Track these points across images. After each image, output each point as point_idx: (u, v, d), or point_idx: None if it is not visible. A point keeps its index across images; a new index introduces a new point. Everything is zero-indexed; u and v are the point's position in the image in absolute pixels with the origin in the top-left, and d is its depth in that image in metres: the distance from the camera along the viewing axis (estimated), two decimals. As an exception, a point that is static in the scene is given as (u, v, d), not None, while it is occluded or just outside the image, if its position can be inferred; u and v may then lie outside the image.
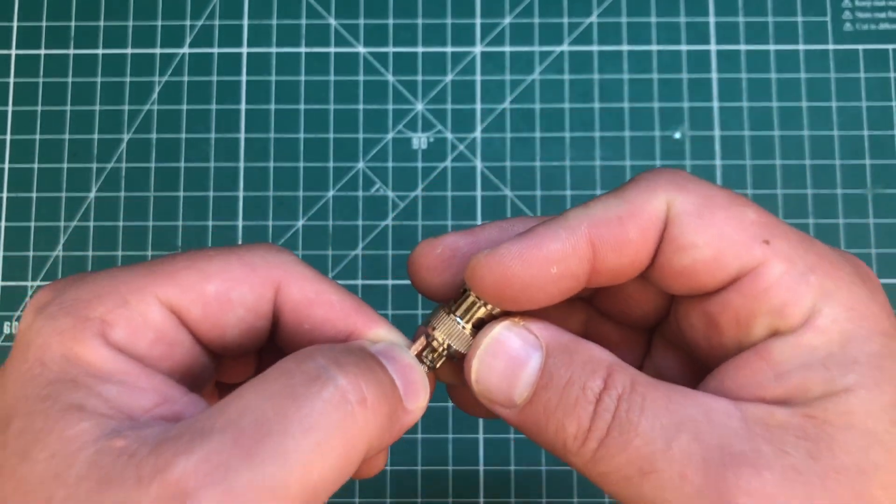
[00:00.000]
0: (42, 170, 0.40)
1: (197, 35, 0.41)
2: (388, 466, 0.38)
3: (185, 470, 0.15)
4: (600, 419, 0.17)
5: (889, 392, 0.16)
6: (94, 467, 0.15)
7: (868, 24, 0.41)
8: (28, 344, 0.17)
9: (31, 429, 0.16)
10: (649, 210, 0.18)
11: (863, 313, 0.17)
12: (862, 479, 0.16)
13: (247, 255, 0.19)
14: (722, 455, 0.16)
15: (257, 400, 0.16)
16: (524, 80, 0.40)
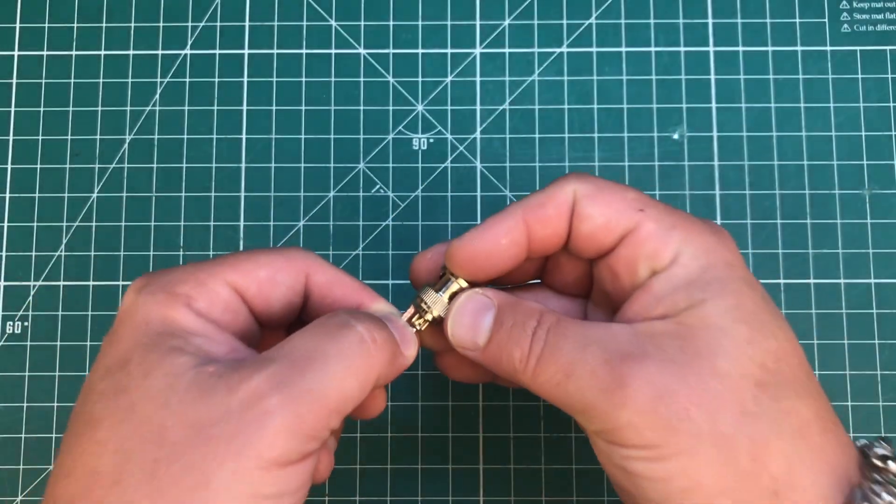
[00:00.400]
0: (45, 170, 0.40)
1: (199, 36, 0.41)
2: (388, 465, 0.38)
3: (258, 382, 0.21)
4: (536, 345, 0.24)
5: (730, 300, 0.23)
6: (194, 383, 0.21)
7: (866, 25, 0.41)
8: (134, 311, 0.23)
9: (147, 361, 0.22)
10: (561, 195, 0.25)
11: (713, 252, 0.24)
12: (714, 358, 0.22)
13: (286, 251, 0.26)
14: (619, 356, 0.22)
15: (303, 340, 0.23)
16: (524, 80, 0.40)
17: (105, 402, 0.21)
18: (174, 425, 0.20)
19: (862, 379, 0.38)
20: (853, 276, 0.39)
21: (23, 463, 0.38)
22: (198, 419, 0.20)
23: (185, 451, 0.20)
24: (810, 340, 0.38)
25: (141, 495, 0.20)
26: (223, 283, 0.24)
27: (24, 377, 0.39)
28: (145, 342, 0.22)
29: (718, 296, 0.23)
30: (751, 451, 0.21)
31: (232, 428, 0.20)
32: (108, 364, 0.22)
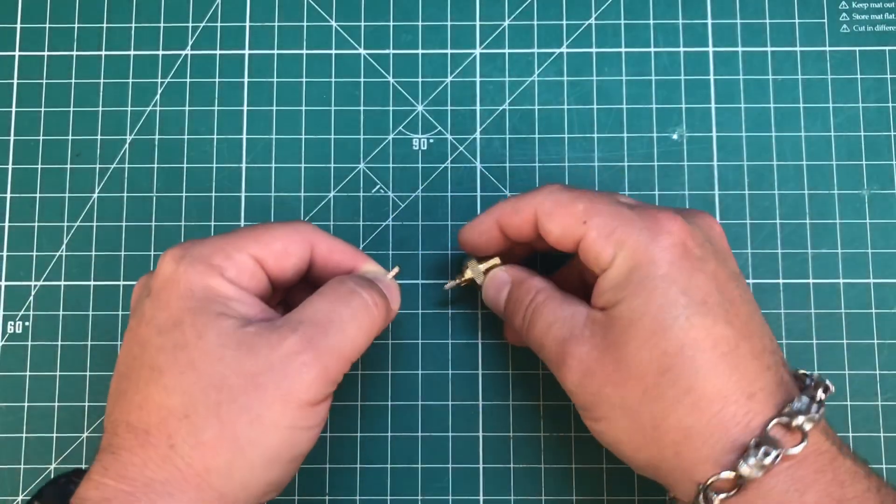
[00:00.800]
0: (45, 170, 0.40)
1: (199, 37, 0.41)
2: (388, 465, 0.38)
3: (294, 341, 0.27)
4: (526, 316, 0.32)
5: (642, 298, 0.27)
6: (242, 341, 0.26)
7: (865, 25, 0.41)
8: (177, 280, 0.28)
9: (200, 322, 0.27)
10: (527, 210, 0.31)
11: (640, 253, 0.28)
12: (625, 348, 0.27)
13: (293, 225, 0.31)
14: (569, 336, 0.29)
15: (323, 304, 0.29)
16: (523, 81, 0.41)
17: (166, 356, 0.26)
18: (230, 375, 0.26)
19: (861, 379, 0.38)
20: (852, 276, 0.39)
21: (23, 463, 0.38)
22: (249, 370, 0.26)
23: (241, 395, 0.26)
24: (809, 340, 0.39)
25: (208, 425, 0.26)
26: (247, 254, 0.29)
27: (25, 377, 0.39)
28: (193, 307, 0.27)
29: (633, 294, 0.28)
30: (652, 422, 0.27)
31: (277, 376, 0.26)
32: (159, 324, 0.27)
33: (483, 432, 0.38)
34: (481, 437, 0.38)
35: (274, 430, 0.26)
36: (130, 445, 0.26)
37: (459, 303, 0.39)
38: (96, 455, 0.27)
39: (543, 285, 0.32)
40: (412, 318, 0.39)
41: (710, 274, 0.28)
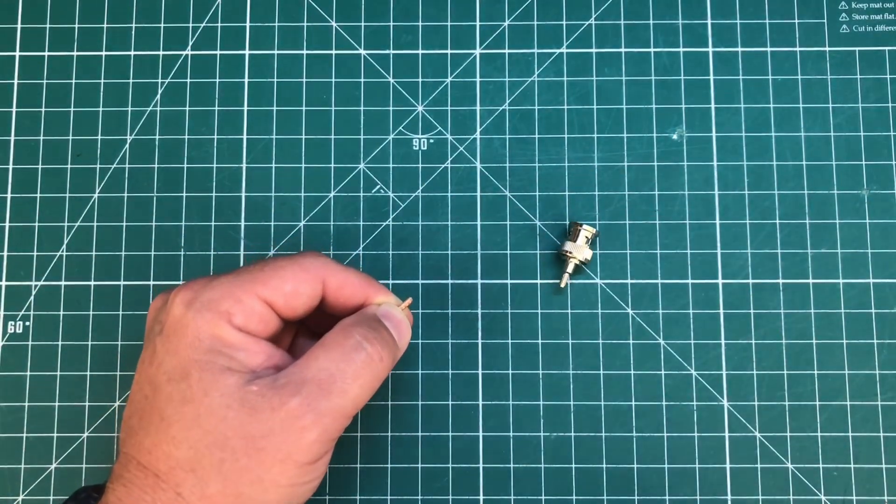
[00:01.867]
0: (46, 170, 0.40)
1: (199, 37, 0.41)
2: (388, 464, 0.38)
3: (295, 404, 0.27)
4: None
5: None
6: (245, 402, 0.27)
7: (864, 26, 0.41)
8: (186, 326, 0.28)
9: (206, 379, 0.27)
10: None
11: None
12: None
13: (303, 262, 0.30)
14: None
15: (327, 362, 0.29)
16: (523, 81, 0.41)
17: (174, 407, 0.27)
18: (233, 436, 0.27)
19: (861, 379, 0.38)
20: (852, 276, 0.39)
21: (24, 462, 0.38)
22: (250, 432, 0.27)
23: (243, 456, 0.27)
24: (809, 340, 0.39)
25: (213, 481, 0.27)
26: (256, 298, 0.29)
27: (26, 377, 0.39)
28: (200, 359, 0.28)
29: None
30: None
31: (277, 441, 0.27)
32: (168, 370, 0.28)
33: (483, 432, 0.38)
34: (481, 437, 0.38)
35: (274, 489, 0.27)
36: (142, 484, 0.27)
37: (459, 303, 0.39)
38: (110, 479, 0.28)
39: None
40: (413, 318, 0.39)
41: None
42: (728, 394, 0.38)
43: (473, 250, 0.39)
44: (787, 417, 0.38)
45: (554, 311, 0.39)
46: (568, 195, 0.40)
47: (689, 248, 0.39)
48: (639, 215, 0.40)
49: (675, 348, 0.39)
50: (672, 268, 0.39)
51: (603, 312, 0.39)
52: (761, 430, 0.38)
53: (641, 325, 0.39)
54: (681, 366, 0.38)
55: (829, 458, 0.38)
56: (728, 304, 0.39)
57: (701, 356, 0.39)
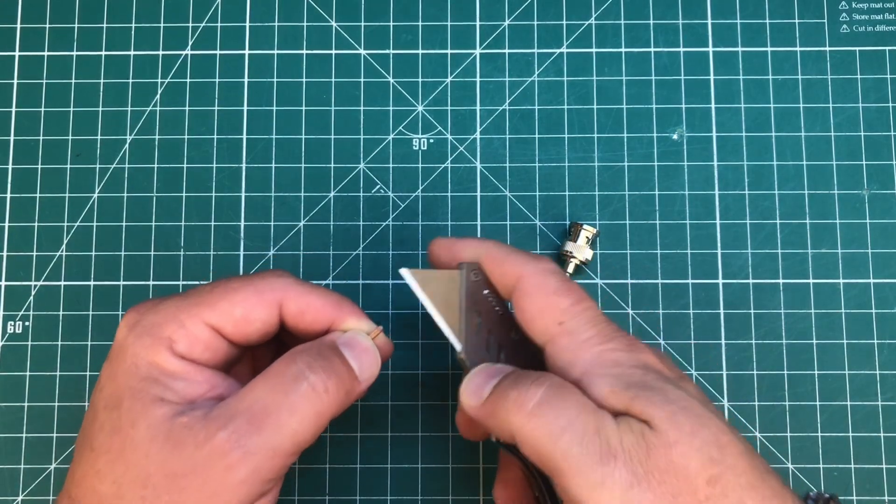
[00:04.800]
0: (46, 170, 0.40)
1: (199, 37, 0.41)
2: (388, 464, 0.38)
3: (221, 440, 0.25)
4: (535, 389, 0.25)
5: (663, 400, 0.25)
6: (169, 436, 0.25)
7: (865, 25, 0.41)
8: (125, 351, 0.27)
9: (135, 409, 0.26)
10: (510, 272, 0.29)
11: (620, 366, 0.26)
12: (670, 451, 0.24)
13: (259, 283, 0.28)
14: (602, 428, 0.24)
15: (262, 393, 0.26)
16: (523, 81, 0.41)
17: (103, 438, 0.26)
18: (154, 473, 0.25)
19: (861, 379, 0.38)
20: (852, 276, 0.39)
21: (24, 462, 0.38)
22: (172, 470, 0.25)
23: (164, 494, 0.25)
24: (809, 340, 0.39)
25: None
26: (202, 324, 0.27)
27: (25, 377, 0.39)
28: (133, 387, 0.26)
29: (651, 399, 0.25)
30: None
31: (200, 480, 0.25)
32: (106, 397, 0.27)
33: (483, 432, 0.38)
34: (481, 437, 0.38)
35: None
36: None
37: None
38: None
39: (546, 372, 0.27)
40: (412, 318, 0.39)
41: (691, 387, 0.27)
42: (728, 394, 0.38)
43: (473, 250, 0.39)
44: (787, 417, 0.38)
45: (554, 311, 0.39)
46: (568, 195, 0.40)
47: (689, 248, 0.39)
48: (639, 215, 0.39)
49: (675, 348, 0.39)
50: (672, 268, 0.39)
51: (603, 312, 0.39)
52: (761, 430, 0.38)
53: (642, 325, 0.39)
54: (681, 366, 0.38)
55: (829, 458, 0.38)
56: (728, 304, 0.39)
57: (701, 356, 0.39)
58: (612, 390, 0.25)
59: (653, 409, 0.24)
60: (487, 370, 0.28)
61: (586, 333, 0.27)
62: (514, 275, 0.28)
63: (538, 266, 0.28)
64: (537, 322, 0.28)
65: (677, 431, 0.24)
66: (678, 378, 0.27)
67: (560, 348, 0.27)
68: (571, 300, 0.27)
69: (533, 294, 0.28)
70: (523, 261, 0.28)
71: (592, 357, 0.26)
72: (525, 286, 0.28)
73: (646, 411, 0.24)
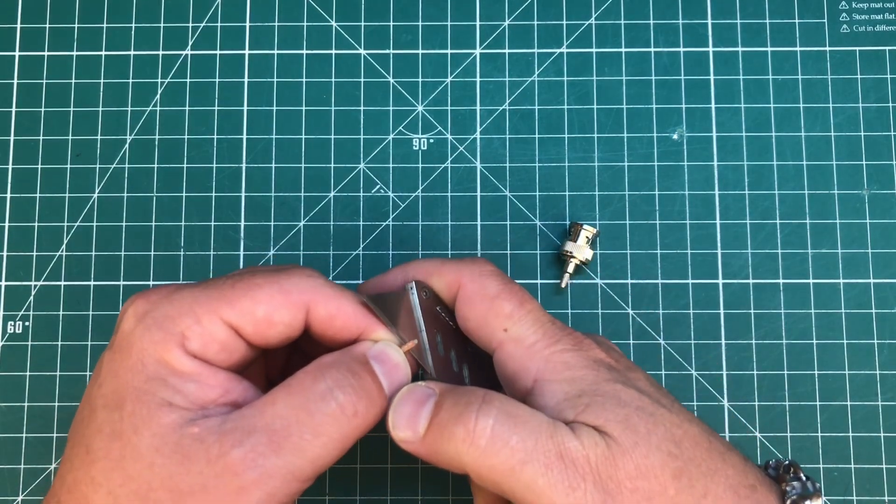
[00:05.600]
0: (45, 170, 0.40)
1: (199, 37, 0.41)
2: (388, 464, 0.38)
3: (237, 456, 0.22)
4: (483, 421, 0.24)
5: (613, 403, 0.24)
6: (178, 448, 0.22)
7: (865, 25, 0.41)
8: (131, 345, 0.24)
9: (139, 413, 0.23)
10: (448, 275, 0.28)
11: (571, 369, 0.25)
12: (632, 452, 0.24)
13: (285, 282, 0.25)
14: (564, 448, 0.23)
15: (285, 409, 0.23)
16: (523, 81, 0.41)
17: (101, 442, 0.23)
18: (157, 488, 0.22)
19: (861, 379, 0.38)
20: (852, 276, 0.39)
21: (24, 463, 0.38)
22: (178, 486, 0.22)
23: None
24: (809, 340, 0.39)
25: None
26: (219, 321, 0.24)
27: (25, 377, 0.39)
28: (138, 387, 0.23)
29: (601, 404, 0.24)
30: None
31: (208, 500, 0.22)
32: (105, 394, 0.24)
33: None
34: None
35: None
36: None
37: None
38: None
39: (488, 393, 0.25)
40: (412, 318, 0.39)
41: (642, 379, 0.26)
42: (728, 394, 0.38)
43: (473, 250, 0.39)
44: (787, 417, 0.38)
45: (554, 312, 0.39)
46: (568, 195, 0.40)
47: (689, 248, 0.39)
48: (639, 215, 0.39)
49: (675, 348, 0.39)
50: (672, 268, 0.39)
51: (603, 312, 0.39)
52: (761, 431, 0.38)
53: (642, 325, 0.39)
54: (681, 366, 0.38)
55: (829, 458, 0.38)
56: (728, 304, 0.39)
57: (701, 356, 0.39)
58: (566, 399, 0.25)
59: (607, 415, 0.24)
60: (413, 394, 0.25)
61: (532, 338, 0.26)
62: (455, 283, 0.27)
63: (475, 269, 0.27)
64: (482, 330, 0.27)
65: (634, 434, 0.24)
66: (627, 369, 0.26)
67: (507, 356, 0.26)
68: (513, 304, 0.26)
69: (473, 301, 0.27)
70: (458, 267, 0.27)
71: (542, 362, 0.26)
72: (464, 294, 0.27)
73: (600, 419, 0.24)
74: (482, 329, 0.27)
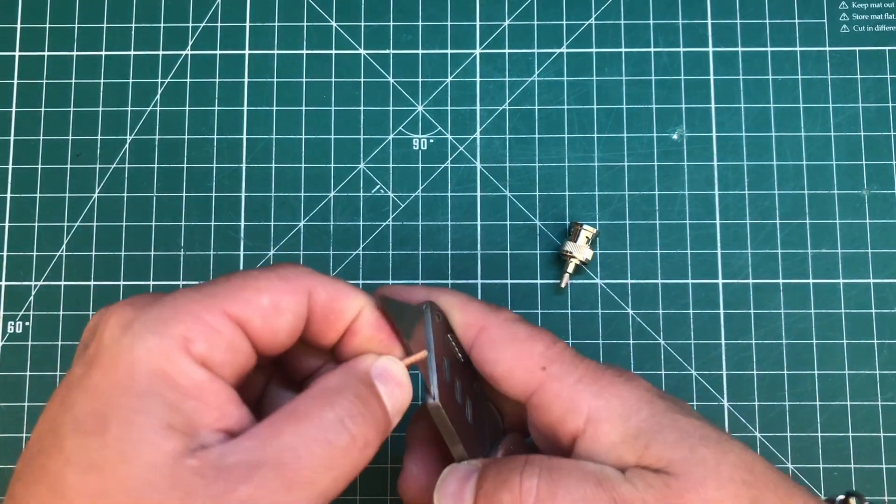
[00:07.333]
0: (45, 170, 0.40)
1: (199, 37, 0.41)
2: (388, 464, 0.38)
3: (244, 494, 0.19)
4: (528, 483, 0.22)
5: (674, 438, 0.23)
6: (178, 481, 0.19)
7: (865, 25, 0.41)
8: (118, 356, 0.20)
9: (129, 438, 0.19)
10: (471, 326, 0.26)
11: (625, 403, 0.24)
12: (703, 491, 0.22)
13: (282, 271, 0.23)
14: (617, 494, 0.22)
15: (295, 440, 0.21)
16: (523, 81, 0.41)
17: (75, 475, 0.19)
18: None
19: (861, 379, 0.38)
20: (852, 276, 0.39)
21: (24, 462, 0.38)
22: None
23: None
24: (809, 340, 0.39)
25: None
26: (223, 316, 0.21)
27: (26, 377, 0.39)
28: (129, 405, 0.19)
29: (662, 440, 0.23)
30: None
31: None
32: (78, 415, 0.20)
33: (483, 432, 0.38)
34: (481, 437, 0.38)
35: None
36: None
37: (459, 303, 0.39)
38: None
39: (529, 456, 0.24)
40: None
41: (694, 412, 0.25)
42: (728, 394, 0.38)
43: (473, 250, 0.39)
44: (787, 417, 0.38)
45: (554, 312, 0.39)
46: (568, 195, 0.40)
47: (689, 248, 0.39)
48: (639, 215, 0.40)
49: (675, 348, 0.39)
50: (672, 268, 0.39)
51: (603, 312, 0.39)
52: (761, 430, 0.38)
53: (642, 325, 0.39)
54: (681, 366, 0.38)
55: (829, 458, 0.38)
56: (728, 304, 0.39)
57: (701, 356, 0.39)
58: (623, 441, 0.23)
59: (671, 451, 0.22)
60: (457, 472, 0.24)
61: (575, 374, 0.24)
62: (475, 325, 0.26)
63: (500, 315, 0.26)
64: (515, 373, 0.25)
65: (702, 468, 0.22)
66: (673, 402, 0.25)
67: (552, 396, 0.24)
68: (545, 344, 0.25)
69: (503, 343, 0.25)
70: (484, 310, 0.26)
71: (592, 398, 0.24)
72: (491, 337, 0.25)
73: (664, 457, 0.22)
74: (515, 372, 0.25)
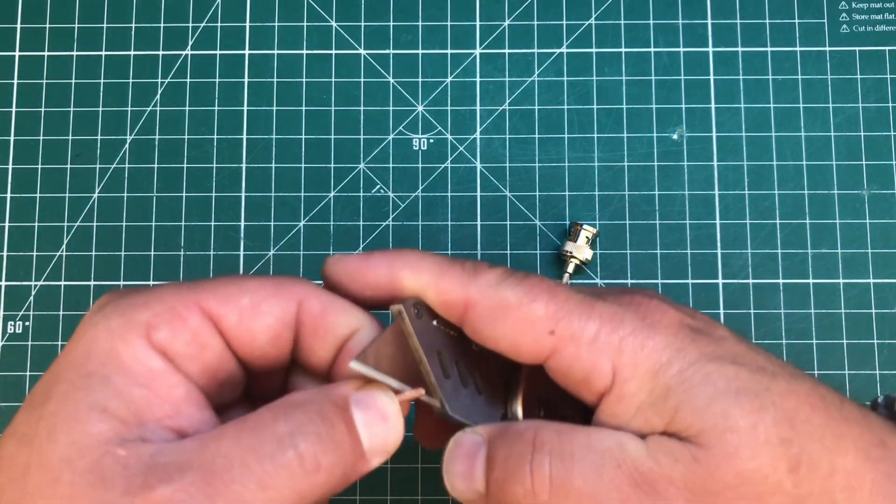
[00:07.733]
0: (45, 170, 0.40)
1: (199, 37, 0.41)
2: (388, 464, 0.38)
3: (161, 495, 0.18)
4: (539, 473, 0.21)
5: (704, 396, 0.20)
6: (97, 466, 0.18)
7: (864, 25, 0.41)
8: (83, 333, 0.20)
9: (62, 413, 0.19)
10: (453, 296, 0.22)
11: (652, 356, 0.21)
12: (737, 456, 0.20)
13: (278, 278, 0.22)
14: (637, 474, 0.20)
15: (231, 448, 0.19)
16: (523, 81, 0.41)
17: (11, 447, 0.19)
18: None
19: (861, 379, 0.38)
20: (852, 276, 0.39)
21: (24, 462, 0.38)
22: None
23: None
24: (809, 340, 0.39)
25: None
26: (196, 308, 0.21)
27: (25, 377, 0.39)
28: (70, 381, 0.19)
29: (691, 400, 0.20)
30: None
31: None
32: (35, 392, 0.20)
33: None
34: (481, 437, 0.38)
35: None
36: None
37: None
38: None
39: (538, 423, 0.22)
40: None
41: (730, 338, 0.22)
42: (728, 394, 0.38)
43: (473, 250, 0.39)
44: (787, 417, 0.38)
45: (554, 311, 0.39)
46: (568, 195, 0.40)
47: (689, 248, 0.39)
48: (639, 215, 0.40)
49: (675, 348, 0.39)
50: (672, 268, 0.39)
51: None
52: (761, 430, 0.38)
53: (641, 325, 0.39)
54: (681, 366, 0.38)
55: (829, 458, 0.38)
56: (728, 304, 0.39)
57: (701, 356, 0.39)
58: (651, 403, 0.21)
59: (702, 419, 0.20)
60: (462, 447, 0.23)
61: (590, 329, 0.21)
62: (457, 304, 0.22)
63: (481, 282, 0.22)
64: (521, 346, 0.22)
65: (735, 435, 0.20)
66: (708, 326, 0.22)
67: (571, 359, 0.21)
68: (544, 301, 0.21)
69: (495, 317, 0.22)
70: (462, 280, 0.22)
71: (615, 354, 0.21)
72: (479, 314, 0.22)
73: (694, 425, 0.20)
74: (522, 345, 0.22)
